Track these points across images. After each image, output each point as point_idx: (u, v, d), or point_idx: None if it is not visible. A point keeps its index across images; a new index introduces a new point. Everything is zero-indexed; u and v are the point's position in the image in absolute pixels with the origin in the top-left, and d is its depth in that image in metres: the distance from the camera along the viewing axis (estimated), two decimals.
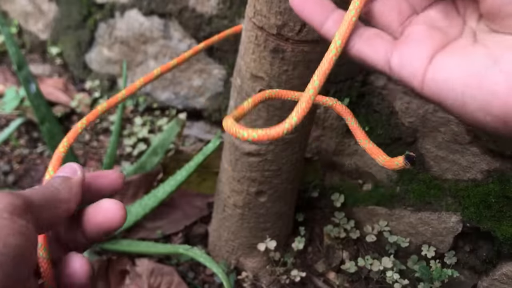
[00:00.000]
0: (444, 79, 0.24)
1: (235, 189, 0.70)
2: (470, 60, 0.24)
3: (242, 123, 0.61)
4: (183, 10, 0.92)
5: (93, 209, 0.32)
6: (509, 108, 0.22)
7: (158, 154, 0.97)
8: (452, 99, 0.24)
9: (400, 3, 0.30)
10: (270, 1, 0.46)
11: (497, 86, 0.22)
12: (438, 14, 0.29)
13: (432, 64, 0.25)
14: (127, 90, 0.47)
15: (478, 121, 0.24)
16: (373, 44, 0.29)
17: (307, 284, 0.79)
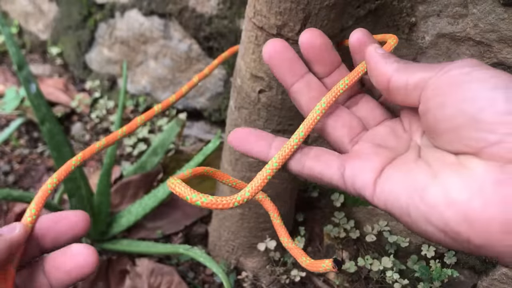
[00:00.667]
0: (391, 192, 0.27)
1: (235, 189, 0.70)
2: (413, 176, 0.27)
3: (243, 123, 0.61)
4: (183, 10, 0.93)
5: (61, 255, 0.30)
6: (446, 219, 0.24)
7: (158, 154, 0.97)
8: (398, 210, 0.27)
9: (351, 120, 0.33)
10: (270, 1, 0.46)
11: (436, 200, 0.25)
12: (386, 131, 0.32)
13: (381, 178, 0.28)
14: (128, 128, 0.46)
15: (422, 231, 0.26)
16: (323, 160, 0.31)
17: (307, 284, 0.79)
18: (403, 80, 0.29)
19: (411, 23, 0.61)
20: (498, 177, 0.23)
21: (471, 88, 0.25)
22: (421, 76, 0.28)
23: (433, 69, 0.28)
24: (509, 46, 0.54)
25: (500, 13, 0.53)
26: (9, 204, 0.93)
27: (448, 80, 0.27)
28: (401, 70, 0.30)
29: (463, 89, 0.26)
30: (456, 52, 0.60)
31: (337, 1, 0.45)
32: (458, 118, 0.26)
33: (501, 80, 0.25)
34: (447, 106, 0.26)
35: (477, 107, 0.25)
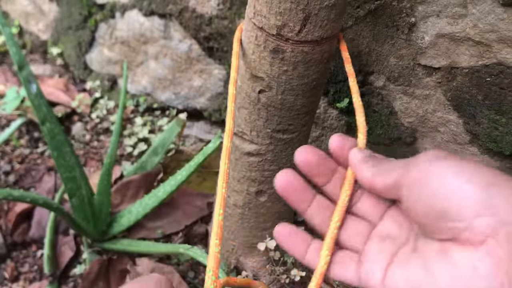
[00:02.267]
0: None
1: (235, 189, 0.70)
2: (410, 272, 0.30)
3: (243, 123, 0.61)
4: (183, 11, 0.93)
5: None
6: None
7: (158, 154, 0.97)
8: None
9: (357, 225, 0.37)
10: (270, 2, 0.46)
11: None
12: (389, 221, 0.36)
13: (386, 278, 0.32)
14: None
15: None
16: (345, 267, 0.36)
17: (307, 283, 0.79)
18: (381, 183, 0.34)
19: (411, 23, 0.62)
20: (473, 263, 0.26)
21: (431, 184, 0.29)
22: (394, 178, 0.33)
23: (402, 168, 0.32)
24: (508, 46, 0.54)
25: (500, 13, 0.53)
26: (9, 204, 0.94)
27: (415, 178, 0.31)
28: (377, 174, 0.34)
29: (425, 186, 0.29)
30: (455, 52, 0.60)
31: (337, 1, 0.46)
32: (430, 213, 0.29)
33: (455, 168, 0.28)
34: (420, 203, 0.30)
35: (440, 200, 0.28)
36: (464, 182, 0.27)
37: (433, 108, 0.67)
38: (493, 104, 0.59)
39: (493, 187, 0.26)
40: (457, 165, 0.29)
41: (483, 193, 0.26)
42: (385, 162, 0.35)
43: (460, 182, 0.27)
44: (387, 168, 0.34)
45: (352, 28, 0.69)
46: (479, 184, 0.27)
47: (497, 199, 0.26)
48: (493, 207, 0.26)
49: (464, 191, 0.27)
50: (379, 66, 0.69)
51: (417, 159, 0.32)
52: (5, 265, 0.87)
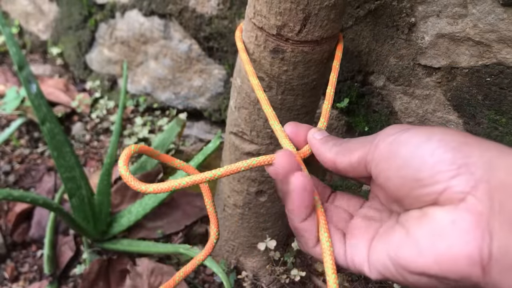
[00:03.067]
0: (378, 261, 0.30)
1: (235, 189, 0.70)
2: (391, 240, 0.30)
3: (243, 123, 0.61)
4: (183, 11, 0.93)
5: None
6: (422, 268, 0.27)
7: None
8: (390, 275, 0.30)
9: (339, 213, 0.37)
10: (270, 2, 0.46)
11: (410, 253, 0.28)
12: (368, 210, 0.36)
13: (370, 252, 0.31)
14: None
15: (416, 283, 0.28)
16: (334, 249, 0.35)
17: (307, 283, 0.79)
18: (346, 162, 0.33)
19: (411, 24, 0.62)
20: (452, 218, 0.26)
21: (400, 156, 0.29)
22: (359, 155, 0.32)
23: (368, 144, 0.32)
24: (508, 46, 0.54)
25: (500, 14, 0.53)
26: (9, 204, 0.94)
27: (381, 154, 0.30)
28: (340, 152, 0.34)
29: (395, 159, 0.29)
30: (455, 52, 0.60)
31: (337, 2, 0.46)
32: (404, 186, 0.29)
33: (423, 136, 0.28)
34: (391, 178, 0.30)
35: (412, 169, 0.28)
36: (435, 147, 0.27)
37: (433, 108, 0.67)
38: (493, 104, 0.59)
39: (466, 146, 0.26)
40: (424, 133, 0.28)
41: (457, 153, 0.26)
42: (345, 141, 0.34)
43: (431, 148, 0.27)
44: (350, 146, 0.33)
45: (352, 28, 0.69)
46: (451, 146, 0.26)
47: (472, 158, 0.26)
48: (469, 165, 0.26)
49: (436, 155, 0.27)
50: (379, 66, 0.69)
51: (381, 134, 0.31)
52: (5, 265, 0.87)
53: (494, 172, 0.25)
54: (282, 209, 0.75)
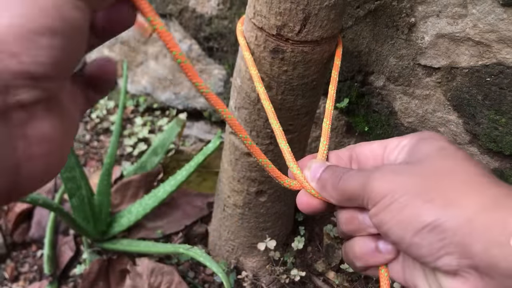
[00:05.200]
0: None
1: (235, 189, 0.70)
2: (416, 276, 0.32)
3: (243, 123, 0.61)
4: (183, 11, 0.93)
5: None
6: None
7: (158, 154, 0.97)
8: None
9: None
10: (270, 2, 0.46)
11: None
12: None
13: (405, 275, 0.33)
14: None
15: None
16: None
17: (307, 283, 0.79)
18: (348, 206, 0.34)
19: (411, 24, 0.62)
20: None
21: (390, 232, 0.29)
22: (358, 204, 0.32)
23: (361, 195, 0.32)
24: (508, 46, 0.54)
25: (500, 14, 0.53)
26: (9, 204, 0.94)
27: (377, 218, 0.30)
28: (342, 202, 0.34)
29: (388, 230, 0.30)
30: (455, 52, 0.60)
31: (337, 2, 0.46)
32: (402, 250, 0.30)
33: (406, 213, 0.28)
34: (389, 237, 0.30)
35: (403, 246, 0.29)
36: (415, 232, 0.27)
37: (433, 108, 0.67)
38: (493, 104, 0.59)
39: (435, 230, 0.27)
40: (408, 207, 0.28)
41: (435, 235, 0.27)
42: (343, 181, 0.33)
43: (411, 233, 0.28)
44: (348, 193, 0.33)
45: (352, 28, 0.69)
46: (429, 228, 0.27)
47: (447, 239, 0.26)
48: (446, 247, 0.26)
49: (417, 240, 0.27)
50: (379, 66, 0.69)
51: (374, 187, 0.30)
52: (5, 265, 0.87)
53: (470, 248, 0.25)
54: (282, 209, 0.75)
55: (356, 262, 0.34)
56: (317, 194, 0.36)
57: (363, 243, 0.33)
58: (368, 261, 0.33)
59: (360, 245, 0.33)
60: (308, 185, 0.36)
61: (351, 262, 0.35)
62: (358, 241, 0.33)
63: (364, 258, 0.33)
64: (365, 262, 0.34)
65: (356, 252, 0.33)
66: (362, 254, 0.33)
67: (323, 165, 0.36)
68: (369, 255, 0.33)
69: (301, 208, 0.37)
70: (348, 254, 0.35)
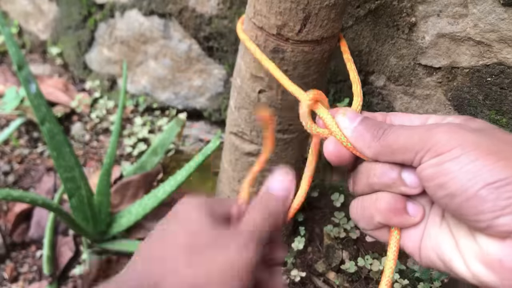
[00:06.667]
0: (429, 259, 0.33)
1: (235, 189, 0.70)
2: (441, 246, 0.31)
3: (243, 123, 0.61)
4: (183, 10, 0.93)
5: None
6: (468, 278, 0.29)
7: (158, 154, 0.97)
8: (439, 268, 0.33)
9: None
10: (270, 1, 0.46)
11: (461, 272, 0.30)
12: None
13: (421, 246, 0.33)
14: None
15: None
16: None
17: (307, 284, 0.79)
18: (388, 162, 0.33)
19: (411, 23, 0.61)
20: (499, 256, 0.27)
21: (445, 187, 0.28)
22: (404, 159, 0.31)
23: (414, 149, 0.30)
24: (509, 46, 0.54)
25: (500, 13, 0.53)
26: (9, 204, 0.93)
27: (427, 174, 0.29)
28: (382, 154, 0.32)
29: (440, 187, 0.29)
30: (456, 52, 0.59)
31: (337, 1, 0.45)
32: (450, 209, 0.29)
33: (470, 168, 0.27)
34: (437, 198, 0.29)
35: (455, 204, 0.28)
36: (479, 188, 0.26)
37: (434, 108, 0.67)
38: (494, 104, 0.59)
39: (506, 186, 0.26)
40: (473, 163, 0.27)
41: (501, 193, 0.26)
42: (387, 132, 0.32)
43: (475, 189, 0.27)
44: (393, 146, 0.31)
45: (352, 27, 0.68)
46: (496, 185, 0.26)
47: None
48: (509, 206, 0.26)
49: (479, 196, 0.26)
50: (380, 66, 0.69)
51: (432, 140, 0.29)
52: (4, 265, 0.87)
53: None
54: None
55: (376, 217, 0.33)
56: (347, 144, 0.33)
57: (392, 199, 0.32)
58: (392, 219, 0.32)
59: (387, 200, 0.32)
60: (339, 131, 0.34)
61: (368, 217, 0.33)
62: (386, 197, 0.32)
63: (388, 215, 0.32)
64: (387, 219, 0.32)
65: (382, 206, 0.32)
66: (388, 209, 0.32)
67: (360, 115, 0.34)
68: (395, 212, 0.32)
69: (328, 156, 0.34)
70: (367, 208, 0.33)
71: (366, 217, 0.34)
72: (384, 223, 0.33)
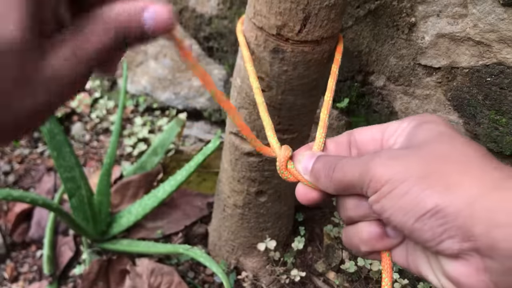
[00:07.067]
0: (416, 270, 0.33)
1: (235, 189, 0.70)
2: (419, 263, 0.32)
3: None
4: (183, 10, 0.93)
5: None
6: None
7: (158, 154, 0.97)
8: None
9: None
10: (270, 2, 0.46)
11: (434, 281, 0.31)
12: None
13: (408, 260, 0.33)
14: None
15: None
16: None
17: (307, 283, 0.79)
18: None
19: (411, 23, 0.62)
20: (457, 273, 0.27)
21: (391, 218, 0.29)
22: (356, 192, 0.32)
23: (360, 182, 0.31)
24: (508, 46, 0.54)
25: (500, 13, 0.53)
26: (9, 204, 0.93)
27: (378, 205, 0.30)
28: (339, 190, 0.33)
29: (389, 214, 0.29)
30: (455, 52, 0.60)
31: (337, 1, 0.45)
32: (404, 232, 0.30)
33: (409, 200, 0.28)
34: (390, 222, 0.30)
35: (405, 229, 0.29)
36: (417, 217, 0.27)
37: (434, 108, 0.67)
38: (494, 104, 0.59)
39: (436, 215, 0.27)
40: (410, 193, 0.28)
41: (434, 221, 0.27)
42: (337, 169, 0.33)
43: (413, 219, 0.28)
44: (343, 180, 0.32)
45: (352, 28, 0.68)
46: (432, 211, 0.27)
47: (450, 223, 0.26)
48: (448, 230, 0.26)
49: (419, 224, 0.27)
50: (379, 66, 0.69)
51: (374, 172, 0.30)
52: (4, 265, 0.87)
53: (472, 230, 0.25)
54: (282, 209, 0.74)
55: (361, 247, 0.34)
56: (314, 186, 0.35)
57: (370, 228, 0.33)
58: (375, 245, 0.33)
59: (367, 230, 0.33)
60: (303, 177, 0.36)
61: (356, 246, 0.34)
62: (365, 226, 0.33)
63: (371, 243, 0.33)
64: (372, 246, 0.33)
65: (364, 237, 0.33)
66: (369, 239, 0.33)
67: (313, 155, 0.36)
68: (377, 240, 0.33)
69: (300, 200, 0.36)
70: (352, 238, 0.34)
71: (354, 246, 0.35)
72: (371, 251, 0.34)
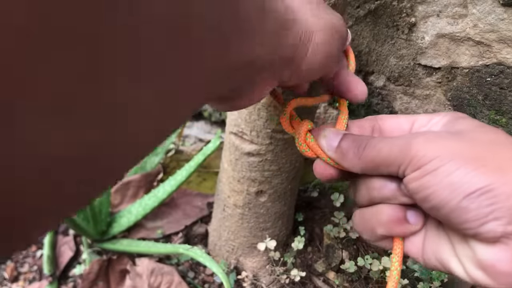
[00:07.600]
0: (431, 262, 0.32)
1: (235, 189, 0.70)
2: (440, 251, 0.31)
3: (243, 123, 0.61)
4: None
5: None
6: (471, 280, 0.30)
7: (158, 154, 0.97)
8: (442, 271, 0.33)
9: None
10: None
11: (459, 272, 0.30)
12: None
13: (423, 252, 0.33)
14: None
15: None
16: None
17: (307, 283, 0.79)
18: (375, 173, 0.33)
19: (411, 23, 0.62)
20: (492, 260, 0.27)
21: (431, 199, 0.29)
22: (389, 172, 0.32)
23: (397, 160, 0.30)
24: (508, 46, 0.54)
25: (500, 13, 0.53)
26: None
27: (414, 185, 0.30)
28: (368, 169, 0.33)
29: (428, 198, 0.29)
30: (455, 52, 0.60)
31: (337, 1, 0.45)
32: (439, 217, 0.29)
33: (455, 177, 0.27)
34: (426, 206, 0.29)
35: (443, 212, 0.28)
36: (462, 198, 0.27)
37: (433, 108, 0.67)
38: (494, 104, 0.59)
39: (486, 194, 0.26)
40: (457, 172, 0.27)
41: (483, 200, 0.26)
42: (368, 147, 0.32)
43: (458, 199, 0.27)
44: (376, 159, 0.32)
45: (352, 28, 0.69)
46: (478, 192, 0.26)
47: (499, 203, 0.26)
48: (496, 211, 0.26)
49: (464, 205, 0.27)
50: (379, 66, 0.69)
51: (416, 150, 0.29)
52: (4, 265, 0.87)
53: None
54: (282, 209, 0.74)
55: (378, 229, 0.33)
56: (334, 163, 0.34)
57: (392, 211, 0.32)
58: (393, 229, 0.33)
59: (388, 212, 0.32)
60: (323, 153, 0.35)
61: (371, 229, 0.34)
62: (386, 208, 0.32)
63: (389, 226, 0.33)
64: (389, 230, 0.33)
65: (383, 219, 0.33)
66: (388, 221, 0.32)
67: (340, 133, 0.35)
68: (395, 224, 0.32)
69: (318, 175, 0.36)
70: (369, 221, 0.34)
71: (368, 230, 0.34)
72: (387, 235, 0.33)
